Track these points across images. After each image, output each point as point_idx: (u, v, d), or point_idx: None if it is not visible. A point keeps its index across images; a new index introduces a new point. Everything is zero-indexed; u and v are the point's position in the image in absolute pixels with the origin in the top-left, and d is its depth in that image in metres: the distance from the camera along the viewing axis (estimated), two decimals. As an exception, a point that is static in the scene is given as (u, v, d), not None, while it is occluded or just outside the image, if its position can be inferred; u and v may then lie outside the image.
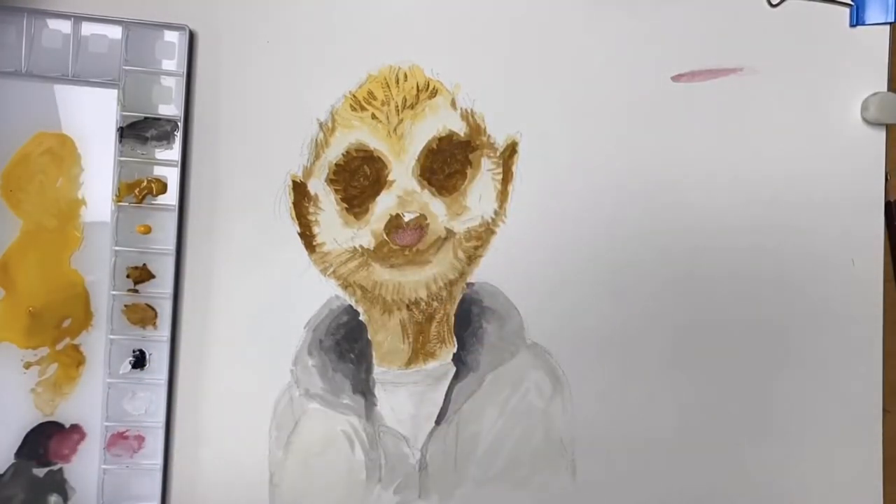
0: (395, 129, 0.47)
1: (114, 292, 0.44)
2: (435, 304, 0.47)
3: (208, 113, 0.46)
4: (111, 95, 0.45)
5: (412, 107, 0.47)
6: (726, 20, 0.48)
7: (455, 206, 0.47)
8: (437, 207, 0.47)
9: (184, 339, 0.46)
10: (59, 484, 0.45)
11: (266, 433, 0.46)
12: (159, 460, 0.44)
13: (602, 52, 0.48)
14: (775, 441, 0.48)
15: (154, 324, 0.45)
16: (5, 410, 0.44)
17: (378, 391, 0.46)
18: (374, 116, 0.47)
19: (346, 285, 0.47)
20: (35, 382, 0.45)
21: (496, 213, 0.47)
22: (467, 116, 0.47)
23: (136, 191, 0.45)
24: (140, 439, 0.45)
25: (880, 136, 0.48)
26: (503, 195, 0.47)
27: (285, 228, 0.46)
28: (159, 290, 0.45)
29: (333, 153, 0.47)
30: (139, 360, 0.45)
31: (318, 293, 0.46)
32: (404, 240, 0.46)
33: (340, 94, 0.47)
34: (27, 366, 0.45)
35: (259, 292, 0.46)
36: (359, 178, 0.47)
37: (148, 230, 0.45)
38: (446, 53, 0.47)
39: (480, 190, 0.47)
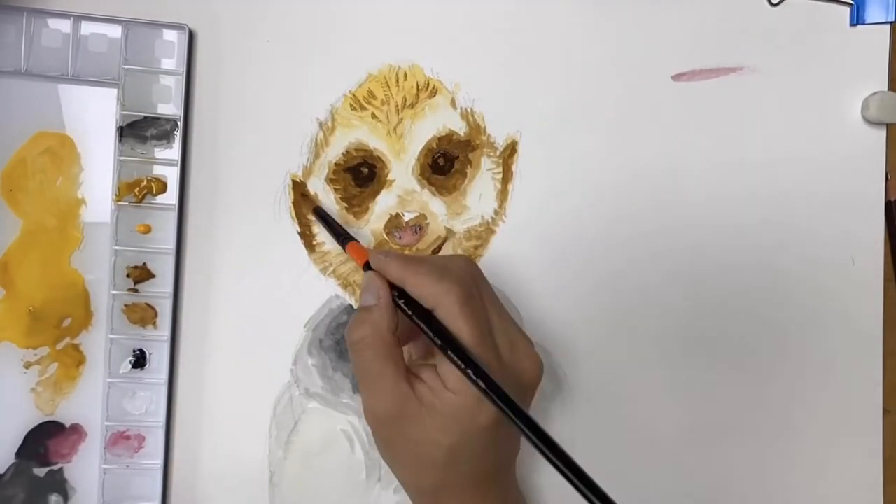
0: (394, 129, 0.47)
1: (114, 292, 0.44)
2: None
3: (208, 112, 0.46)
4: (111, 94, 0.45)
5: (412, 106, 0.47)
6: (726, 20, 0.48)
7: (455, 206, 0.47)
8: (436, 207, 0.47)
9: (184, 339, 0.46)
10: (59, 484, 0.45)
11: (266, 433, 0.46)
12: (160, 460, 0.44)
13: (602, 52, 0.48)
14: (775, 441, 0.48)
15: (154, 323, 0.45)
16: (5, 410, 0.44)
17: (378, 391, 0.46)
18: (373, 116, 0.47)
19: (345, 285, 0.47)
20: (35, 382, 0.45)
21: (496, 212, 0.47)
22: (467, 116, 0.47)
23: (135, 190, 0.45)
24: (140, 439, 0.45)
25: (880, 135, 0.48)
26: (503, 195, 0.47)
27: (285, 228, 0.46)
28: (159, 290, 0.45)
29: (333, 152, 0.47)
30: (139, 360, 0.45)
31: (318, 293, 0.46)
32: (404, 239, 0.46)
33: (340, 94, 0.47)
34: (27, 365, 0.45)
35: (259, 292, 0.46)
36: (358, 178, 0.47)
37: (148, 230, 0.45)
38: (446, 53, 0.47)
39: (480, 189, 0.47)
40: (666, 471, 0.47)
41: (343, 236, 0.42)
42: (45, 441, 0.45)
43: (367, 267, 0.38)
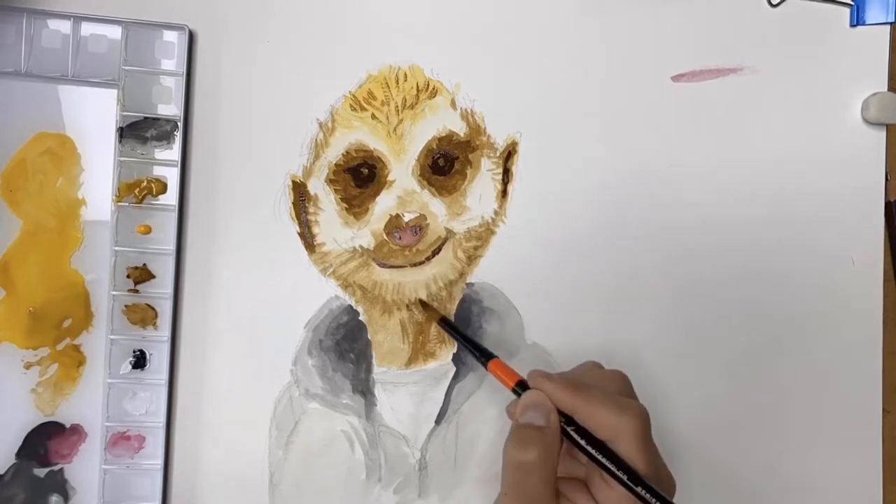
0: (394, 129, 0.47)
1: (114, 292, 0.44)
2: (435, 304, 0.47)
3: (208, 113, 0.46)
4: (111, 95, 0.45)
5: (412, 107, 0.47)
6: (726, 20, 0.48)
7: (455, 206, 0.47)
8: (436, 207, 0.47)
9: (184, 339, 0.46)
10: (59, 484, 0.45)
11: (266, 433, 0.46)
12: (160, 460, 0.44)
13: (602, 52, 0.48)
14: (774, 441, 0.48)
15: (154, 324, 0.45)
16: (5, 411, 0.44)
17: (378, 391, 0.46)
18: (373, 116, 0.47)
19: (345, 285, 0.47)
20: (35, 382, 0.45)
21: (496, 213, 0.47)
22: (467, 116, 0.47)
23: (135, 191, 0.45)
24: (141, 439, 0.45)
25: (880, 136, 0.48)
26: (503, 195, 0.47)
27: (285, 228, 0.46)
28: (159, 290, 0.45)
29: (333, 153, 0.47)
30: (139, 360, 0.45)
31: (318, 293, 0.46)
32: (404, 240, 0.46)
33: (340, 94, 0.47)
34: (27, 366, 0.45)
35: (259, 292, 0.46)
36: (358, 178, 0.47)
37: (148, 230, 0.45)
38: (446, 53, 0.47)
39: (480, 190, 0.47)
40: (666, 471, 0.47)
41: (483, 353, 0.40)
42: (46, 441, 0.45)
43: (519, 386, 0.37)
